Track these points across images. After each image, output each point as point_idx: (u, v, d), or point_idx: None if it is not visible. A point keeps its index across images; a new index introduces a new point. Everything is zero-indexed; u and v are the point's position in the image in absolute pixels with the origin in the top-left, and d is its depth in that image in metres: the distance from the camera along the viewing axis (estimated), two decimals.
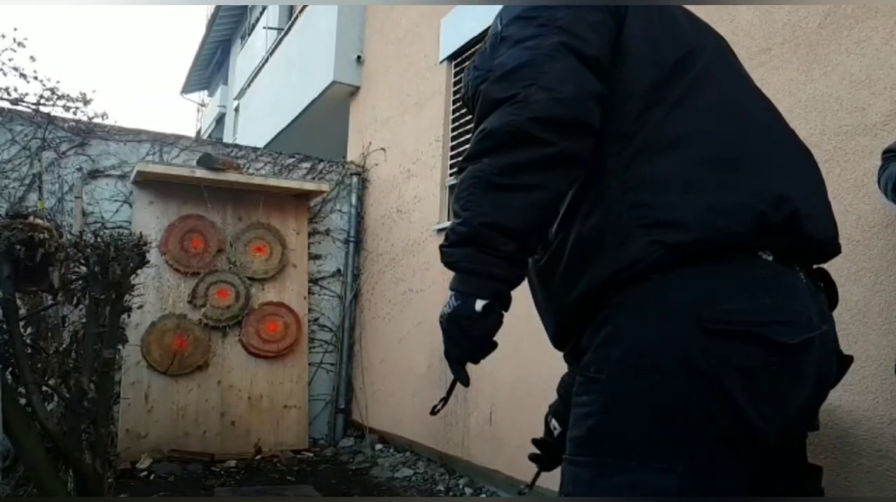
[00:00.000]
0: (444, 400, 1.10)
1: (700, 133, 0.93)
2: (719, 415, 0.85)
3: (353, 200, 5.35)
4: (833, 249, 1.06)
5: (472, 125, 1.00)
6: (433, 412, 1.17)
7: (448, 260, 0.92)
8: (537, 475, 1.45)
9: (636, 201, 0.91)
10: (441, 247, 0.93)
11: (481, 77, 0.96)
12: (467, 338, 0.94)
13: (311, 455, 4.56)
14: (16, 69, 4.37)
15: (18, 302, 2.35)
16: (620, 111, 0.95)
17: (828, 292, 1.07)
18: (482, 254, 0.89)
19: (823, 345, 0.94)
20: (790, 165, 0.99)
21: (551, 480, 1.43)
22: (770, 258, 0.92)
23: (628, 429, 0.87)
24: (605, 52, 0.95)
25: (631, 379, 0.88)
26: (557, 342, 1.08)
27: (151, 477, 3.89)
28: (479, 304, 0.90)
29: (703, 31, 1.12)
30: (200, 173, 4.46)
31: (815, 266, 1.07)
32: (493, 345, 0.98)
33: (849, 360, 1.07)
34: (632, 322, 0.90)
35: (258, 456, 4.38)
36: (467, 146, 0.96)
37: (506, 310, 0.94)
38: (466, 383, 1.01)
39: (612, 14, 0.98)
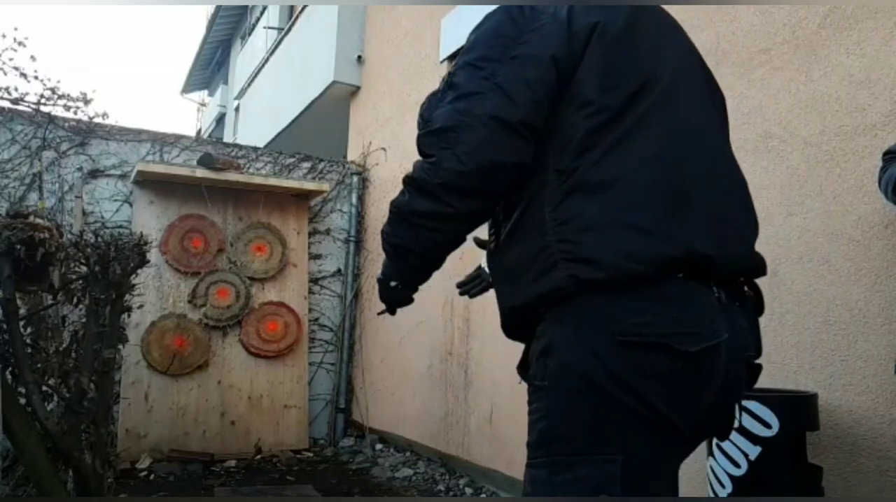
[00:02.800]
0: (385, 311, 1.39)
1: (627, 179, 1.02)
2: (643, 413, 0.98)
3: (354, 200, 5.35)
4: (754, 274, 1.16)
5: None
6: (379, 313, 1.47)
7: (383, 247, 1.20)
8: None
9: (564, 236, 1.02)
10: (382, 231, 1.19)
11: (421, 126, 1.12)
12: (389, 296, 1.29)
13: (311, 455, 4.56)
14: (16, 69, 4.37)
15: (18, 301, 2.35)
16: (562, 150, 1.05)
17: (755, 301, 1.17)
18: (399, 260, 1.19)
19: (732, 352, 1.04)
20: (713, 208, 1.07)
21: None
22: (681, 275, 1.02)
23: (572, 429, 0.99)
24: (537, 111, 1.04)
25: (567, 386, 1.00)
26: (506, 333, 1.23)
27: (151, 477, 3.89)
28: (392, 283, 1.25)
29: (666, 49, 1.15)
30: (201, 173, 4.46)
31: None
32: (409, 301, 1.32)
33: (758, 369, 1.17)
34: (562, 336, 1.02)
35: (258, 456, 4.38)
36: None
37: (415, 288, 1.27)
38: (392, 313, 1.37)
39: (557, 67, 1.04)
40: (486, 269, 1.58)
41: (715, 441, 1.97)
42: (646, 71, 1.08)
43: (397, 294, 1.27)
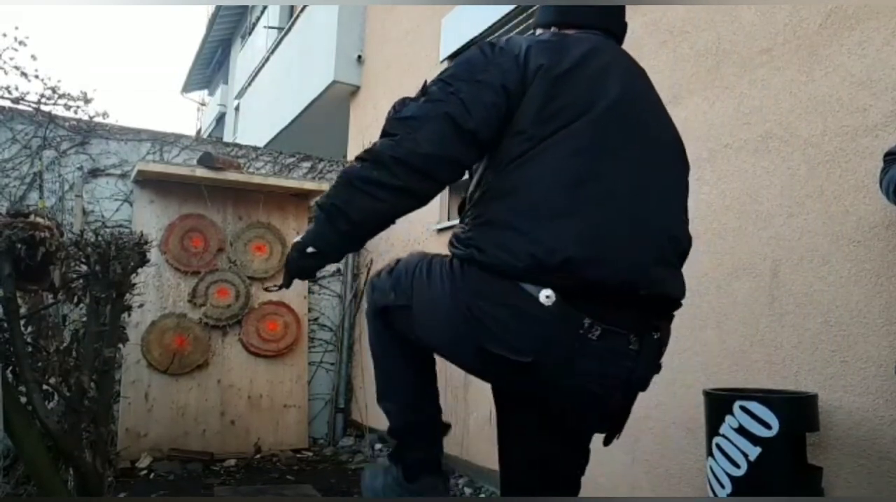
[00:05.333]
0: (279, 287, 1.52)
1: (521, 190, 1.25)
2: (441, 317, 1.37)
3: None
4: (636, 293, 1.25)
5: None
6: (267, 288, 1.68)
7: (315, 212, 1.34)
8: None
9: (474, 225, 1.31)
10: (315, 202, 1.34)
11: (391, 114, 1.32)
12: (297, 262, 1.38)
13: (310, 454, 4.56)
14: (17, 68, 4.39)
15: (19, 300, 2.35)
16: (496, 167, 1.30)
17: (661, 336, 1.34)
18: (327, 224, 1.30)
19: (555, 377, 1.25)
20: (592, 224, 1.23)
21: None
22: (550, 302, 1.20)
23: (408, 290, 1.46)
24: (486, 128, 1.26)
25: (427, 285, 1.39)
26: None
27: (151, 475, 3.89)
28: (310, 250, 1.34)
29: (605, 89, 1.30)
30: (201, 172, 4.45)
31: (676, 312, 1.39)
32: (312, 275, 1.47)
33: (595, 396, 1.30)
34: (452, 263, 1.35)
35: (258, 456, 4.38)
36: None
37: (326, 261, 1.39)
38: (287, 286, 1.48)
39: (507, 97, 1.26)
40: None
41: (715, 441, 1.98)
42: (579, 105, 1.26)
43: (308, 261, 1.36)
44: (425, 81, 1.33)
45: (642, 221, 1.28)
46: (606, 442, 1.42)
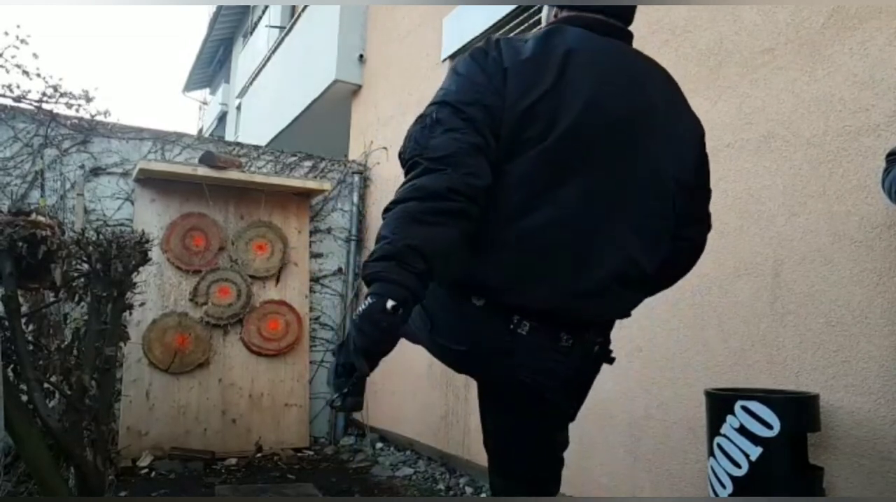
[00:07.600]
0: (347, 394, 1.23)
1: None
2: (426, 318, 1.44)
3: (355, 199, 5.35)
4: (562, 313, 1.32)
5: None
6: (331, 405, 1.29)
7: (370, 271, 1.18)
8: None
9: None
10: (365, 262, 1.20)
11: (418, 150, 1.26)
12: (377, 329, 1.16)
13: (311, 453, 4.56)
14: (18, 66, 4.37)
15: (20, 299, 2.35)
16: None
17: (597, 348, 1.41)
18: (400, 268, 1.17)
19: (489, 367, 1.37)
20: (514, 254, 1.29)
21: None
22: (480, 303, 1.30)
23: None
24: (496, 154, 1.28)
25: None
26: None
27: (152, 474, 3.90)
28: (390, 304, 1.15)
29: (569, 111, 1.28)
30: (202, 171, 4.46)
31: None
32: (394, 343, 1.22)
33: (523, 384, 1.35)
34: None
35: (259, 455, 4.38)
36: None
37: (408, 315, 1.20)
38: (367, 372, 1.21)
39: (495, 130, 1.27)
40: None
41: (716, 440, 1.98)
42: (534, 139, 1.27)
43: (392, 319, 1.15)
44: (431, 113, 1.29)
45: (573, 255, 1.30)
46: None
